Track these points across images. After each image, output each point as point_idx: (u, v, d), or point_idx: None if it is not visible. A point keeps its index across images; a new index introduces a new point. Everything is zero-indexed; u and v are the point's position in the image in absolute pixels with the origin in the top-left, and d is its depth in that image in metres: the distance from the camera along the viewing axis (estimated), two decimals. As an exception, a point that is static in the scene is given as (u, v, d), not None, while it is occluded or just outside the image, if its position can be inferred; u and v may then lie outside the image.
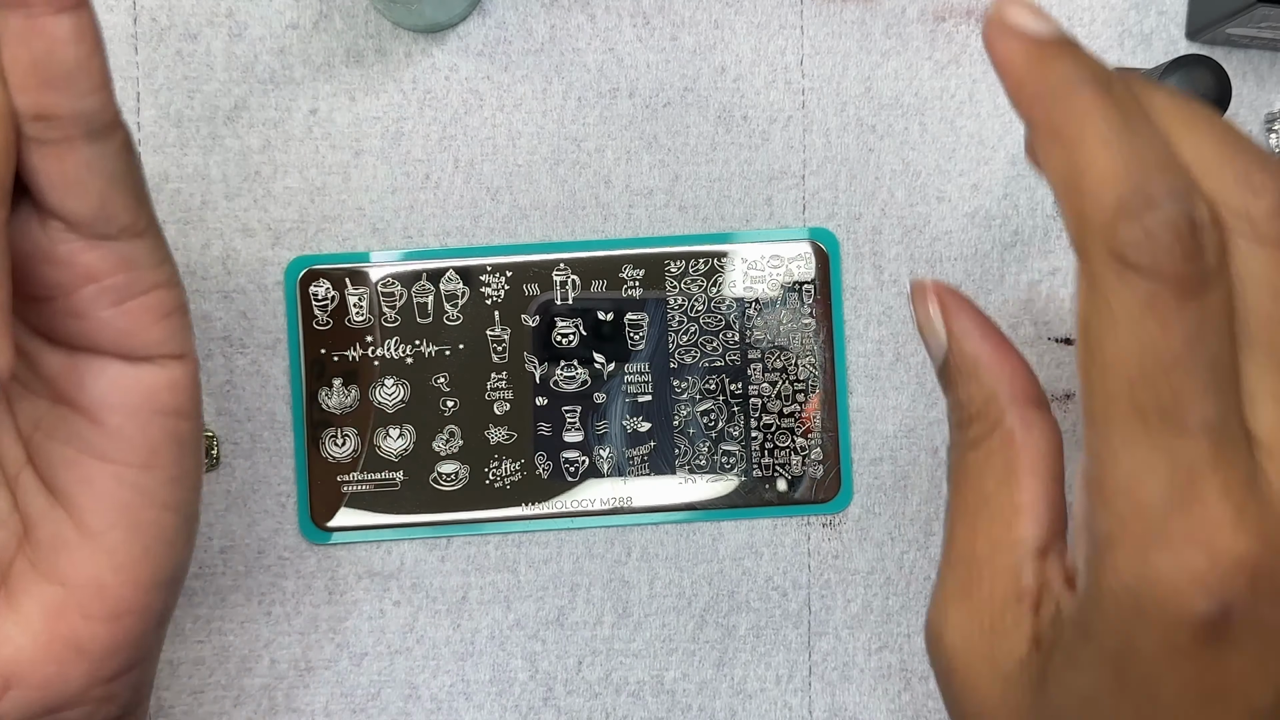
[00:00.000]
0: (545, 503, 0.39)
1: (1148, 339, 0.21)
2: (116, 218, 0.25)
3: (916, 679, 0.40)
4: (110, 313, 0.25)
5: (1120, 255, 0.21)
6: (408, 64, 0.39)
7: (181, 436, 0.27)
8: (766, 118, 0.40)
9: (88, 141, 0.23)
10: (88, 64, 0.23)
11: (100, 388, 0.26)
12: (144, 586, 0.27)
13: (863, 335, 0.40)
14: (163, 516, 0.27)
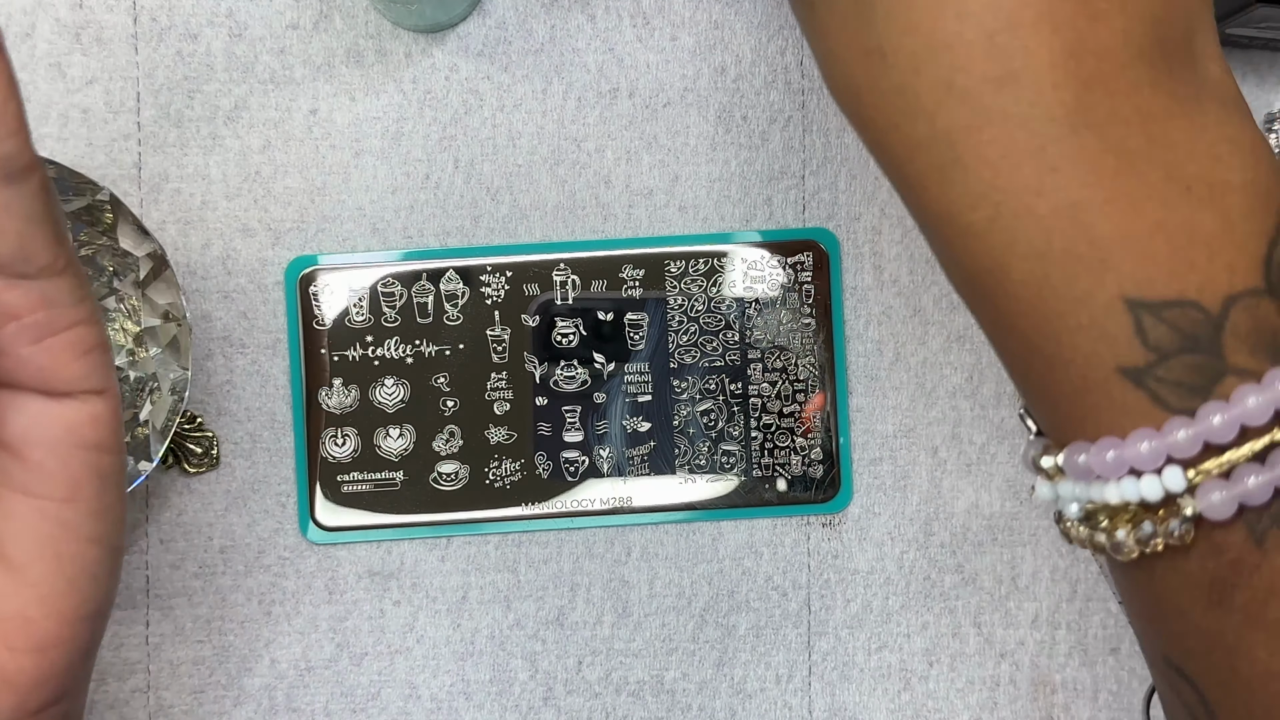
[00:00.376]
0: (545, 503, 0.39)
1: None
2: (35, 257, 0.25)
3: (916, 679, 0.40)
4: (30, 350, 0.25)
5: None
6: (408, 64, 0.39)
7: (103, 470, 0.27)
8: (766, 118, 0.40)
9: (4, 184, 0.24)
10: (2, 110, 0.23)
11: (21, 423, 0.26)
12: (69, 619, 0.27)
13: (862, 335, 0.40)
14: (86, 550, 0.27)
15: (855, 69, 0.26)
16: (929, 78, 0.24)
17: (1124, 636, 0.40)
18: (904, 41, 0.24)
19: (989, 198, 0.24)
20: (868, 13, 0.25)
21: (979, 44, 0.24)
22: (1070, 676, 0.40)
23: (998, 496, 0.40)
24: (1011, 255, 0.25)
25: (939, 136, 0.25)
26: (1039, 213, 0.24)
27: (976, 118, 0.24)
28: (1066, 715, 0.40)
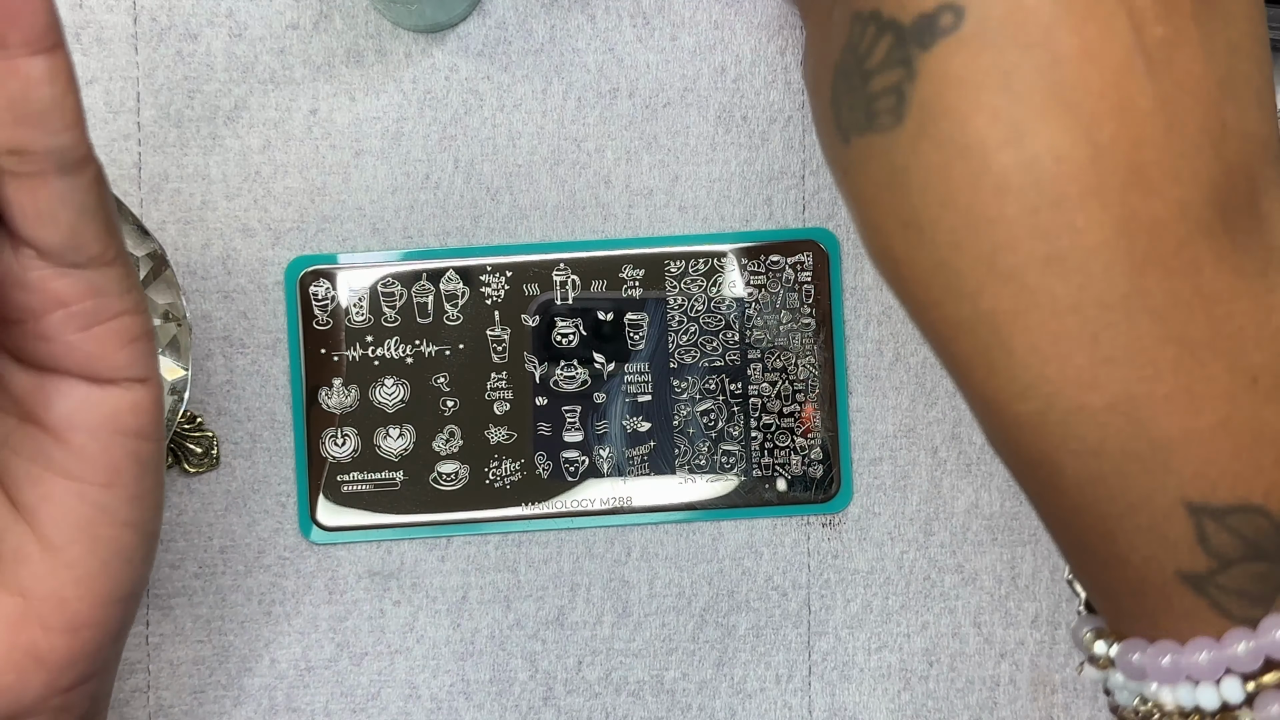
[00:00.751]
0: (545, 503, 0.39)
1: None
2: (86, 247, 0.25)
3: (916, 679, 0.40)
4: (78, 337, 0.26)
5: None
6: (408, 64, 0.39)
7: (143, 457, 0.28)
8: (766, 118, 0.40)
9: (60, 176, 0.24)
10: (62, 103, 0.24)
11: (66, 408, 0.27)
12: (102, 601, 0.28)
13: (862, 335, 0.40)
14: (123, 534, 0.28)
15: (893, 240, 0.24)
16: (970, 255, 0.23)
17: (1124, 636, 0.40)
18: (942, 215, 0.23)
19: (1039, 389, 0.23)
20: (902, 182, 0.23)
21: (1022, 221, 0.22)
22: (1070, 676, 0.40)
23: (998, 496, 0.40)
24: (1064, 452, 0.23)
25: (983, 319, 0.23)
26: (1093, 408, 0.23)
27: (1022, 301, 0.23)
28: (1066, 715, 0.40)
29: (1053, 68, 0.22)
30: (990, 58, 0.22)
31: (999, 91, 0.22)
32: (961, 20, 0.22)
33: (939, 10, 0.22)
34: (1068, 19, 0.22)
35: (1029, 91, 0.22)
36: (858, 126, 0.24)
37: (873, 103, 0.24)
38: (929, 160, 0.23)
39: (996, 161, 0.22)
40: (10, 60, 0.23)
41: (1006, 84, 0.22)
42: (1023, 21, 0.22)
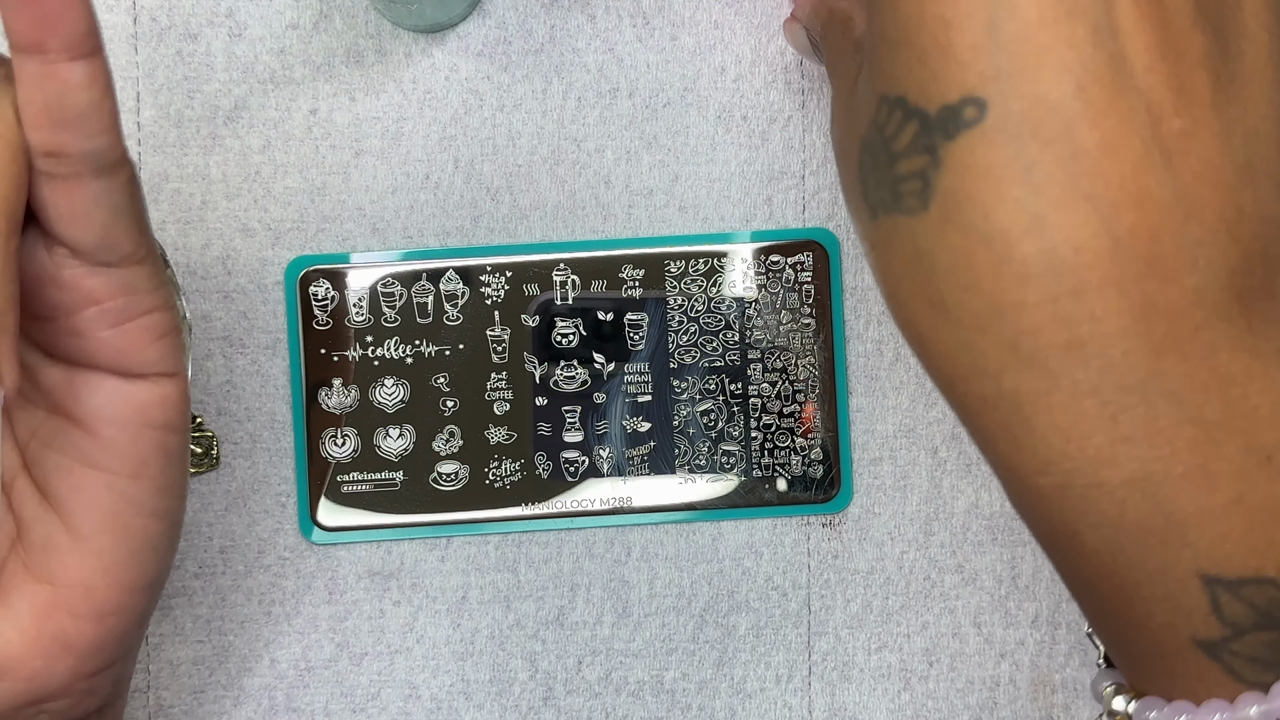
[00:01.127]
0: (545, 503, 0.39)
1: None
2: (119, 246, 0.26)
3: (916, 679, 0.40)
4: (109, 333, 0.27)
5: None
6: (408, 64, 0.39)
7: (170, 449, 0.29)
8: (766, 118, 0.40)
9: (95, 177, 0.25)
10: (99, 107, 0.24)
11: (96, 401, 0.28)
12: (129, 589, 0.29)
13: (862, 335, 0.40)
14: (149, 523, 0.29)
15: (919, 318, 0.25)
16: (994, 338, 0.24)
17: (1124, 636, 0.40)
18: (966, 299, 0.24)
19: (1059, 465, 0.24)
20: (928, 264, 0.24)
21: (1044, 309, 0.23)
22: (1070, 676, 0.40)
23: (998, 496, 0.40)
24: (1084, 524, 0.24)
25: (1006, 397, 0.24)
26: (1111, 484, 0.24)
27: (1044, 383, 0.24)
28: (1066, 715, 0.40)
29: (1073, 161, 0.23)
30: (1012, 150, 0.23)
31: (1021, 183, 0.23)
32: (984, 113, 0.23)
33: (962, 103, 0.23)
34: (1087, 113, 0.23)
35: (1050, 184, 0.23)
36: (884, 205, 0.25)
37: (899, 185, 0.25)
38: (953, 246, 0.24)
39: (1019, 251, 0.23)
40: (51, 65, 0.24)
41: (1028, 176, 0.23)
42: (1044, 116, 0.23)
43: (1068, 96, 0.23)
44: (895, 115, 0.25)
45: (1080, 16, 0.23)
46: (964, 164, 0.24)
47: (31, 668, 0.28)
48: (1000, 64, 0.23)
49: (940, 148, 0.24)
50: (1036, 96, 0.23)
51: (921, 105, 0.24)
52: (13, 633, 0.28)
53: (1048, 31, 0.23)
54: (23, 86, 0.24)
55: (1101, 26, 0.23)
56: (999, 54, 0.23)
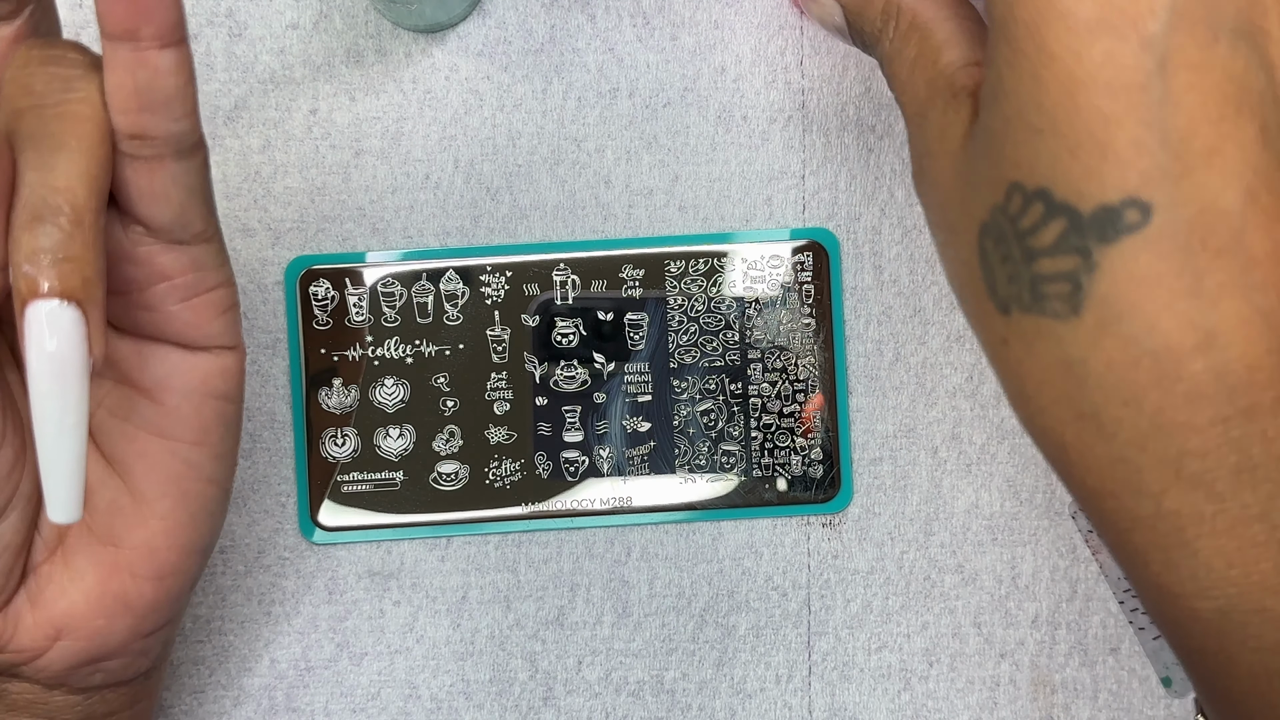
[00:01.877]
0: (545, 503, 0.39)
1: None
2: (191, 225, 0.28)
3: (916, 679, 0.40)
4: (178, 307, 0.28)
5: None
6: (408, 64, 0.39)
7: (228, 418, 0.30)
8: (766, 118, 0.40)
9: (175, 159, 0.26)
10: (184, 92, 0.26)
11: (162, 372, 0.29)
12: (187, 551, 0.31)
13: (862, 335, 0.40)
14: (207, 489, 0.30)
15: (1065, 429, 0.24)
16: (1155, 456, 0.23)
17: (1124, 636, 0.40)
18: (1125, 415, 0.23)
19: (1221, 590, 0.23)
20: (1079, 374, 0.23)
21: (1213, 430, 0.22)
22: (1070, 676, 0.40)
23: (998, 496, 0.40)
24: (1241, 649, 0.23)
25: (1165, 518, 0.23)
26: (1275, 611, 0.23)
27: (1210, 506, 0.23)
28: (1066, 715, 0.40)
29: (1245, 273, 0.22)
30: (1180, 260, 0.22)
31: (1190, 296, 0.22)
32: (1149, 217, 0.22)
33: (1124, 204, 0.22)
34: (1258, 221, 0.22)
35: (1220, 296, 0.22)
36: (1021, 303, 0.24)
37: (1041, 285, 0.23)
38: (1111, 358, 0.23)
39: (1188, 368, 0.22)
40: (142, 52, 0.25)
41: (1197, 288, 0.22)
42: (1213, 224, 0.22)
43: (1238, 203, 0.22)
44: (1034, 208, 0.23)
45: (1249, 115, 0.22)
46: (1125, 271, 0.22)
47: (94, 626, 0.30)
48: (1166, 165, 0.22)
49: (1095, 251, 0.22)
50: (1206, 202, 0.22)
51: (1071, 202, 0.22)
52: (77, 593, 0.29)
53: (1216, 130, 0.22)
54: (113, 72, 0.25)
55: (1270, 126, 0.22)
56: (1164, 153, 0.22)
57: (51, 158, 0.25)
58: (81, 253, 0.24)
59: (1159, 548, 0.24)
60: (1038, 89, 0.23)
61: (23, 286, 0.24)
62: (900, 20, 0.28)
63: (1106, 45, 0.22)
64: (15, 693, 0.30)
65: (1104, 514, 0.24)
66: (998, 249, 0.24)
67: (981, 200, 0.25)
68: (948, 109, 0.26)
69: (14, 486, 0.28)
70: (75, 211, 0.24)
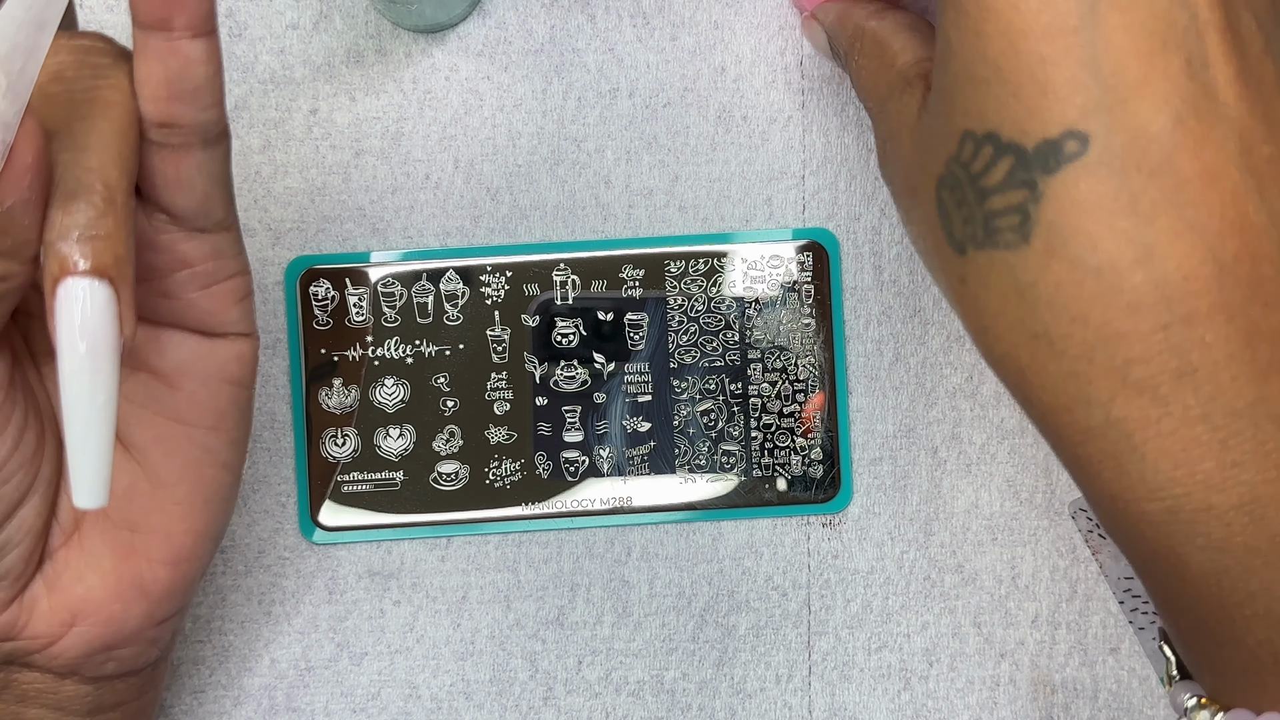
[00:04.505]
0: (545, 502, 0.39)
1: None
2: (213, 213, 0.28)
3: (916, 678, 0.40)
4: (198, 294, 0.29)
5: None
6: (408, 64, 0.39)
7: (242, 404, 0.31)
8: (766, 118, 0.40)
9: (202, 147, 0.27)
10: (213, 82, 0.26)
11: (179, 357, 0.29)
12: (201, 536, 0.31)
13: (862, 335, 0.40)
14: (221, 475, 0.31)
15: (1020, 351, 0.26)
16: (1102, 367, 0.24)
17: (1124, 636, 0.40)
18: (1073, 330, 0.24)
19: (1168, 490, 0.24)
20: (1030, 297, 0.25)
21: (1155, 336, 0.24)
22: (1070, 676, 0.40)
23: (998, 496, 0.40)
24: (1189, 547, 0.25)
25: (1114, 424, 0.25)
26: (1221, 508, 0.24)
27: (1155, 410, 0.24)
28: (1066, 715, 0.40)
29: (1176, 191, 0.23)
30: (1118, 182, 0.24)
31: (1128, 215, 0.24)
32: (1087, 146, 0.24)
33: (1064, 136, 0.24)
34: (1187, 143, 0.23)
35: (1156, 214, 0.24)
36: (975, 240, 0.26)
37: (993, 220, 0.25)
38: (1059, 278, 0.24)
39: (1129, 280, 0.24)
40: (173, 42, 0.25)
41: (1134, 207, 0.24)
42: (1145, 148, 0.23)
43: (1168, 128, 0.23)
44: (985, 150, 0.25)
45: (1175, 48, 0.23)
46: (1068, 197, 0.24)
47: (109, 611, 0.30)
48: (1100, 98, 0.24)
49: (1040, 182, 0.24)
50: (1138, 129, 0.23)
51: (1017, 140, 0.24)
52: (94, 577, 0.30)
53: (1145, 64, 0.23)
54: (143, 62, 0.26)
55: (1195, 58, 0.23)
56: (1098, 88, 0.24)
57: (84, 140, 0.25)
58: (114, 231, 0.24)
59: (1110, 454, 0.25)
60: (981, 42, 0.25)
61: (55, 265, 0.24)
62: (864, 41, 0.32)
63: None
64: (25, 683, 0.30)
65: (1059, 429, 0.26)
66: (953, 195, 0.26)
67: (937, 156, 0.26)
68: (903, 94, 0.29)
69: (35, 471, 0.29)
70: (108, 190, 0.24)
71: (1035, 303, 0.25)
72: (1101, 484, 0.25)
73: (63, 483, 0.30)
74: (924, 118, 0.27)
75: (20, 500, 0.28)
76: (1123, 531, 0.26)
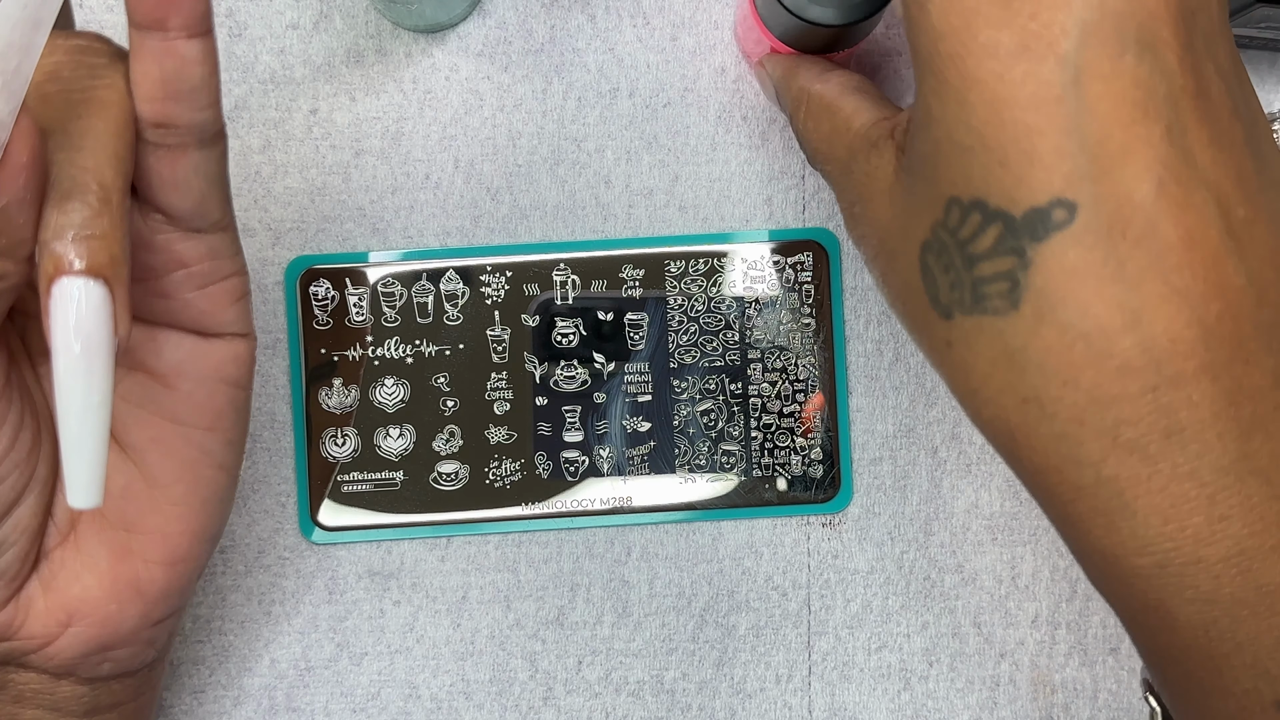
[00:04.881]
0: (545, 502, 0.39)
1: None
2: (210, 213, 0.28)
3: (916, 679, 0.40)
4: (194, 295, 0.29)
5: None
6: (408, 64, 0.39)
7: (239, 404, 0.31)
8: (766, 118, 0.40)
9: (198, 147, 0.27)
10: (208, 82, 0.26)
11: (176, 358, 0.29)
12: (197, 537, 0.31)
13: (862, 335, 0.40)
14: (218, 475, 0.31)
15: (1009, 414, 0.26)
16: (1093, 429, 0.25)
17: (1124, 636, 0.40)
18: (1064, 393, 0.25)
19: (1158, 545, 0.25)
20: (1020, 361, 0.25)
21: (1144, 399, 0.24)
22: (1070, 676, 0.40)
23: (998, 496, 0.40)
24: (1179, 600, 0.25)
25: (1105, 483, 0.25)
26: (1208, 561, 0.25)
27: (1145, 468, 0.25)
28: (1066, 715, 0.40)
29: (1161, 257, 0.24)
30: (1105, 249, 0.24)
31: (1115, 281, 0.24)
32: (1074, 215, 0.24)
33: (1052, 205, 0.24)
34: (1170, 209, 0.24)
35: (1142, 279, 0.24)
36: (962, 305, 0.26)
37: (981, 286, 0.26)
38: (1049, 343, 0.25)
39: (1118, 345, 0.24)
40: (169, 42, 0.25)
41: (1121, 273, 0.24)
42: (1130, 215, 0.24)
43: (1151, 195, 0.24)
44: (972, 217, 0.25)
45: (1156, 116, 0.24)
46: (1057, 264, 0.24)
47: (105, 612, 0.30)
48: (1086, 166, 0.24)
49: (1029, 249, 0.25)
50: (1123, 196, 0.24)
51: (1005, 208, 0.25)
52: (90, 577, 0.30)
53: (1127, 132, 0.24)
54: (139, 62, 0.26)
55: (1174, 124, 0.24)
56: (1084, 156, 0.24)
57: (79, 140, 0.25)
58: (109, 230, 0.24)
59: (1100, 512, 0.25)
60: (964, 111, 0.25)
61: (49, 265, 0.24)
62: (810, 103, 0.33)
63: (1025, 66, 0.24)
64: (22, 683, 0.30)
65: (1049, 489, 0.26)
66: (939, 261, 0.26)
67: (921, 221, 0.27)
68: (870, 156, 0.29)
69: (31, 470, 0.29)
70: (103, 190, 0.24)
71: (1025, 367, 0.25)
72: (1091, 540, 0.26)
73: (59, 483, 0.30)
74: (903, 180, 0.28)
75: (16, 500, 0.28)
76: (1112, 586, 0.26)
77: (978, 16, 0.24)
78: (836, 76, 0.33)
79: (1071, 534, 0.26)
